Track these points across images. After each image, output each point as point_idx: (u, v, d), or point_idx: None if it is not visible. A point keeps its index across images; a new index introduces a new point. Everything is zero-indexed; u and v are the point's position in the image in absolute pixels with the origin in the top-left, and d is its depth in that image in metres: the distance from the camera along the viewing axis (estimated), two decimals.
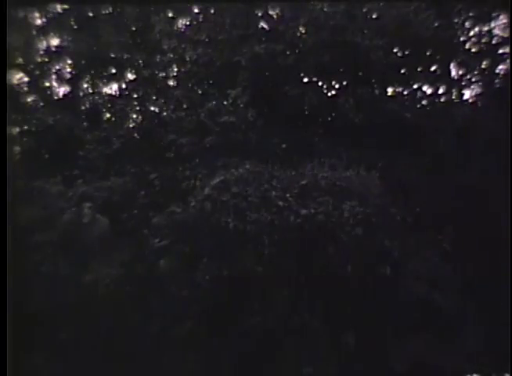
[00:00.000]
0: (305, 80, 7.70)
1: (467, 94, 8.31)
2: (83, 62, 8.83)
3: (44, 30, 8.99)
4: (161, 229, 6.12)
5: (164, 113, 7.35)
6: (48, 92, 8.93)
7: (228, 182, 6.03)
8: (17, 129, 8.08)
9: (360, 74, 7.42)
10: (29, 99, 8.73)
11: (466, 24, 8.24)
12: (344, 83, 7.71)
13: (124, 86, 9.02)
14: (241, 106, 7.04)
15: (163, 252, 6.00)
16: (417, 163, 7.24)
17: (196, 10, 8.55)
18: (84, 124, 8.20)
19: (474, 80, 8.26)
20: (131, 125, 7.82)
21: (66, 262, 5.20)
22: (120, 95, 8.92)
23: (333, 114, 7.44)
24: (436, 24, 7.47)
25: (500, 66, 8.11)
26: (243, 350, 5.64)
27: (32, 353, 4.88)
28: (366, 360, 5.68)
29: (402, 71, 7.87)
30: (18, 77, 8.69)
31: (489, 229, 6.49)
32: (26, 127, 8.10)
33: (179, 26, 8.68)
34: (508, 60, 7.88)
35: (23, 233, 5.07)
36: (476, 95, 8.27)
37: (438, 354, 5.79)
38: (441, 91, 8.34)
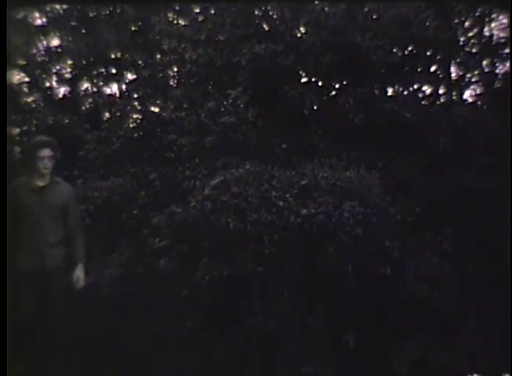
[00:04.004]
0: (305, 80, 7.69)
1: (467, 94, 8.33)
2: (83, 62, 8.84)
3: (44, 30, 9.00)
4: (161, 229, 6.12)
5: (164, 114, 7.33)
6: (48, 92, 8.94)
7: (228, 182, 6.03)
8: (17, 129, 8.08)
9: (360, 74, 7.41)
10: (29, 99, 8.74)
11: (466, 24, 8.24)
12: (344, 83, 7.70)
13: (124, 86, 9.03)
14: (241, 106, 7.03)
15: (163, 252, 5.99)
16: (417, 163, 7.24)
17: (196, 10, 8.56)
18: (84, 124, 8.20)
19: (474, 80, 8.26)
20: (131, 125, 7.81)
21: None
22: (120, 95, 8.93)
23: (333, 114, 7.43)
24: (436, 24, 7.46)
25: (500, 66, 8.12)
26: (243, 350, 5.65)
27: (29, 354, 4.87)
28: (366, 360, 5.68)
29: (402, 71, 7.87)
30: (18, 77, 8.70)
31: (489, 229, 6.49)
32: (26, 127, 8.10)
33: (179, 26, 8.68)
34: (508, 60, 7.88)
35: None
36: (476, 95, 8.28)
37: (438, 354, 5.79)
38: (441, 91, 8.35)
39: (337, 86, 7.78)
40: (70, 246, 4.78)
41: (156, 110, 7.78)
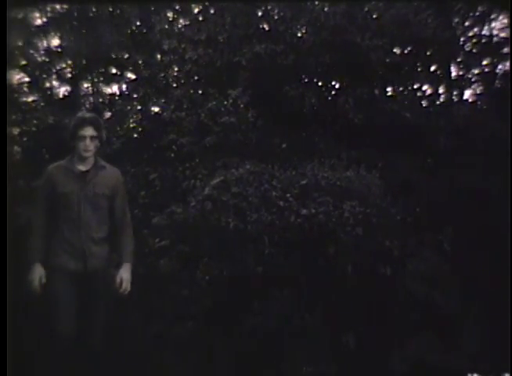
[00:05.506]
0: (305, 80, 7.70)
1: (467, 94, 8.34)
2: (83, 62, 8.84)
3: (44, 30, 9.00)
4: (161, 229, 6.12)
5: (164, 114, 7.33)
6: (48, 92, 8.94)
7: (228, 182, 6.03)
8: (17, 129, 8.08)
9: (360, 74, 7.42)
10: (29, 99, 8.74)
11: (466, 24, 8.25)
12: (344, 83, 7.71)
13: (124, 86, 9.04)
14: (241, 106, 7.03)
15: (163, 252, 5.99)
16: (417, 163, 7.24)
17: (196, 10, 8.56)
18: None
19: (474, 80, 8.27)
20: (131, 125, 7.81)
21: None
22: (120, 95, 8.93)
23: (333, 114, 7.43)
24: (436, 24, 7.46)
25: (500, 66, 8.13)
26: (244, 350, 5.64)
27: (31, 353, 4.88)
28: (366, 360, 5.67)
29: (402, 71, 7.88)
30: (18, 77, 8.70)
31: (489, 229, 6.49)
32: (26, 127, 8.10)
33: (179, 26, 8.69)
34: (508, 60, 7.89)
35: (23, 233, 5.04)
36: (476, 95, 8.29)
37: (438, 354, 5.78)
38: (441, 91, 8.35)
39: (337, 86, 7.79)
40: (117, 243, 4.17)
41: (156, 110, 7.78)
